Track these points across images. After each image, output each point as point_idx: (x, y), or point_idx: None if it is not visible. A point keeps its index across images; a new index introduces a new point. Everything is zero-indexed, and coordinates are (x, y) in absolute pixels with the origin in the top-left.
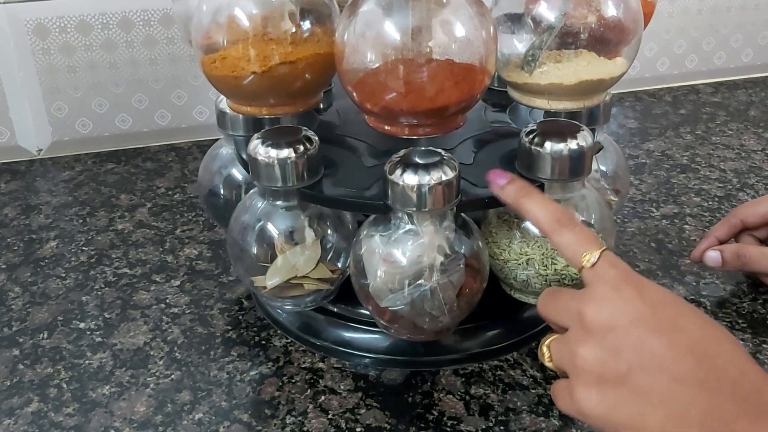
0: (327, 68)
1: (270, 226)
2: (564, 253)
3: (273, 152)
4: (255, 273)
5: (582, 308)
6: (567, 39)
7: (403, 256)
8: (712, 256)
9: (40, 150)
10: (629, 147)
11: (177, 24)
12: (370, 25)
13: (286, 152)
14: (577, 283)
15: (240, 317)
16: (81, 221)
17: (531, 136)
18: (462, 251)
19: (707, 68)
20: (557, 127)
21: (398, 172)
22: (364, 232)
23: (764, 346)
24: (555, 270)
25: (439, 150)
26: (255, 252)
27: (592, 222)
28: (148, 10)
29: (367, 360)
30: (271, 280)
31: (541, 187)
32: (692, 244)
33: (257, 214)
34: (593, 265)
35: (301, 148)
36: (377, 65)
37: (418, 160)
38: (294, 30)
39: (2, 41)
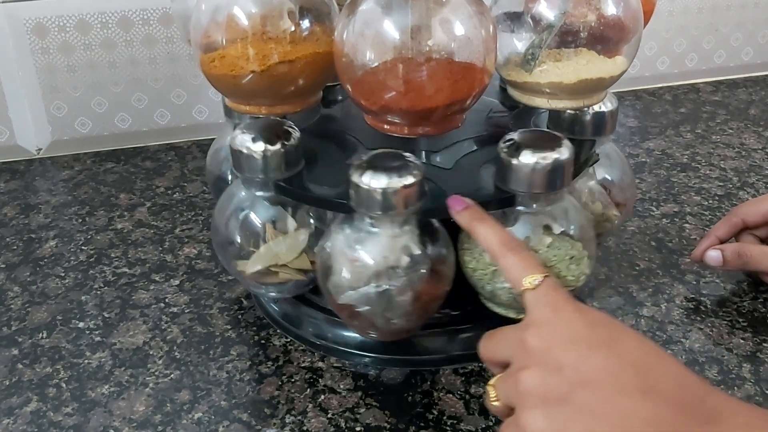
0: (326, 67)
1: (252, 215)
2: (508, 276)
3: (252, 144)
4: (237, 258)
5: (523, 335)
6: (567, 38)
7: (364, 255)
8: (713, 256)
9: (40, 149)
10: (629, 146)
11: (176, 23)
12: (369, 23)
13: (264, 145)
14: None
15: (239, 316)
16: (80, 221)
17: (508, 147)
18: (425, 256)
19: (707, 67)
20: (537, 138)
21: (361, 174)
22: (332, 228)
23: (765, 345)
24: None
25: (405, 154)
26: (239, 239)
27: (572, 233)
28: (147, 9)
29: (366, 359)
30: (253, 266)
31: (511, 199)
32: (692, 242)
33: (240, 203)
34: (535, 287)
35: (280, 141)
36: (376, 64)
37: (382, 163)
38: (293, 29)
39: (1, 40)
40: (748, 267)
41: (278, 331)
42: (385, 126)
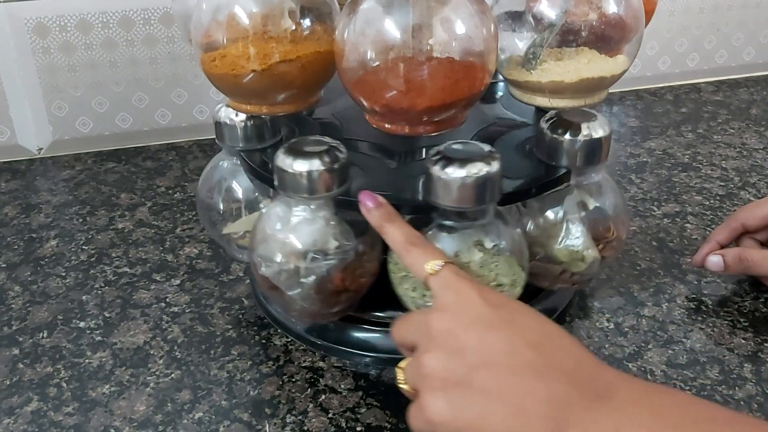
0: (327, 66)
1: (235, 184)
2: (412, 268)
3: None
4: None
5: (427, 318)
6: (568, 36)
7: (283, 233)
8: (714, 261)
9: (41, 149)
10: (630, 146)
11: (177, 22)
12: (370, 23)
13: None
14: None
15: (240, 316)
16: (81, 220)
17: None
18: (342, 247)
19: (708, 67)
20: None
21: (284, 156)
22: (268, 205)
23: (766, 345)
24: (423, 294)
25: (328, 140)
26: (222, 207)
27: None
28: (148, 9)
29: (367, 359)
30: (238, 228)
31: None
32: (694, 242)
33: (224, 173)
34: (436, 272)
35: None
36: (377, 63)
37: (306, 148)
38: (294, 28)
39: (2, 40)
40: (749, 271)
41: (279, 330)
42: (387, 125)
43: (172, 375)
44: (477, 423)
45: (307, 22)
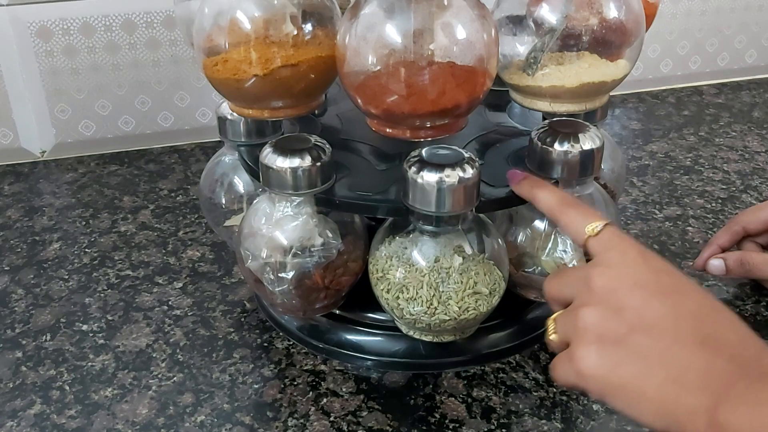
0: (328, 71)
1: (236, 179)
2: (570, 229)
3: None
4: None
5: (588, 273)
6: (569, 41)
7: (268, 229)
8: (716, 265)
9: (44, 152)
10: (632, 148)
11: (179, 26)
12: (371, 27)
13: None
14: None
15: (242, 319)
16: (84, 223)
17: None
18: (324, 245)
19: (711, 69)
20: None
21: (268, 153)
22: (256, 201)
23: None
24: (397, 297)
25: (313, 137)
26: (224, 201)
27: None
28: (150, 12)
29: (369, 362)
30: (238, 221)
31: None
32: (695, 246)
33: (226, 168)
34: (598, 233)
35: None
36: (379, 68)
37: (292, 145)
38: (295, 33)
39: (5, 43)
40: (750, 275)
41: (281, 334)
42: (388, 129)
43: (175, 378)
44: (632, 384)
45: (308, 27)
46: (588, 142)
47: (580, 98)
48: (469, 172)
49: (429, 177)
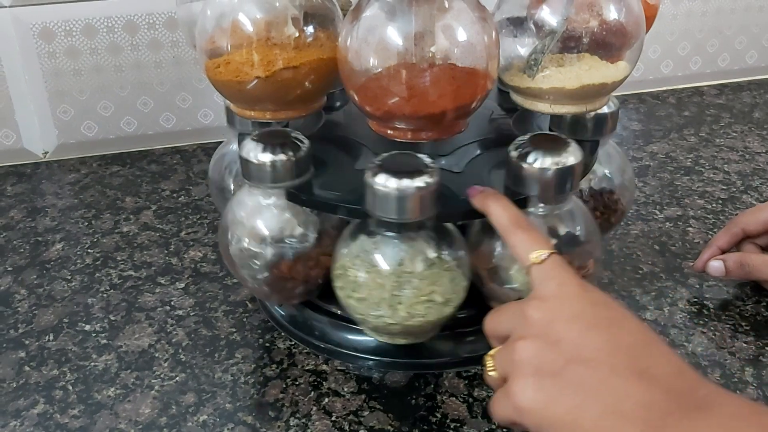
0: (330, 73)
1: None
2: (515, 251)
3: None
4: None
5: (525, 306)
6: (569, 43)
7: (246, 217)
8: (715, 266)
9: (46, 153)
10: (633, 149)
11: (181, 28)
12: (372, 30)
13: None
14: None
15: (244, 319)
16: (86, 224)
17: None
18: (293, 237)
19: (711, 70)
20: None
21: (246, 145)
22: (238, 192)
23: (767, 348)
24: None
25: (294, 133)
26: (233, 188)
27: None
28: (152, 14)
29: (370, 362)
30: None
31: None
32: (696, 246)
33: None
34: (542, 261)
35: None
36: (380, 70)
37: (270, 140)
38: (297, 35)
39: (8, 45)
40: (750, 276)
41: (282, 334)
42: (389, 131)
43: (177, 378)
44: (568, 417)
45: (310, 29)
46: (567, 158)
47: (580, 100)
48: (427, 180)
49: (388, 183)
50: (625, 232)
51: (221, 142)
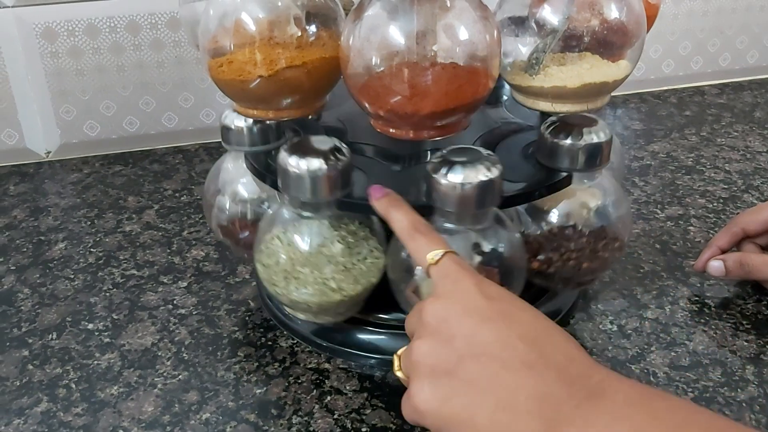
0: (333, 72)
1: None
2: (414, 256)
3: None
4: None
5: (422, 306)
6: (570, 42)
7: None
8: (716, 266)
9: (49, 152)
10: (634, 149)
11: (184, 28)
12: (375, 29)
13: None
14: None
15: (246, 318)
16: (89, 223)
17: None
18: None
19: (712, 70)
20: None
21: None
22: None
23: None
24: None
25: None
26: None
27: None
28: (155, 14)
29: (372, 361)
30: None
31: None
32: (697, 245)
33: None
34: (437, 262)
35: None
36: (382, 69)
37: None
38: (300, 34)
39: (11, 44)
40: (750, 276)
41: (285, 332)
42: (391, 130)
43: (180, 376)
44: (463, 414)
45: (312, 29)
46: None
47: (581, 99)
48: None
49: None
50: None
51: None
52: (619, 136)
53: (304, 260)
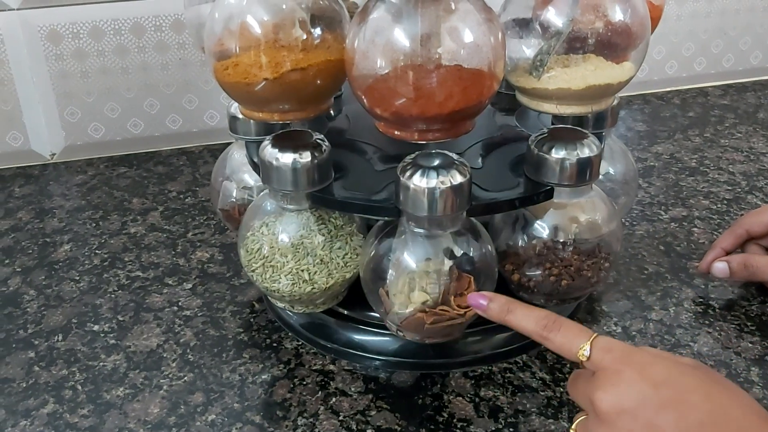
0: (337, 74)
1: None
2: (561, 354)
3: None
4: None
5: (592, 396)
6: (575, 44)
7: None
8: (720, 268)
9: (54, 154)
10: (638, 150)
11: (188, 30)
12: (379, 31)
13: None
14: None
15: (251, 320)
16: (94, 225)
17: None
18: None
19: (716, 71)
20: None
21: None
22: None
23: None
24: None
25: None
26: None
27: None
28: (159, 16)
29: (377, 362)
30: None
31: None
32: (701, 247)
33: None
34: (588, 358)
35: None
36: (387, 71)
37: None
38: (305, 37)
39: (16, 47)
40: (754, 278)
41: (290, 334)
42: (396, 132)
43: (185, 378)
44: None
45: (317, 31)
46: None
47: (586, 100)
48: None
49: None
50: (630, 233)
51: (227, 144)
52: (622, 137)
53: (285, 250)
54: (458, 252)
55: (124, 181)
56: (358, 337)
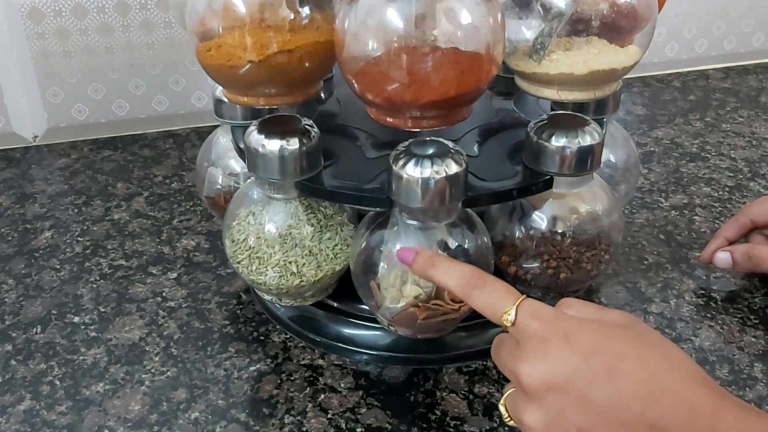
0: (327, 57)
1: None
2: (485, 314)
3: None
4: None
5: (516, 369)
6: (577, 26)
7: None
8: (723, 258)
9: (36, 137)
10: (637, 134)
11: (173, 9)
12: (372, 11)
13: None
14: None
15: (238, 312)
16: (76, 211)
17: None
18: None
19: (717, 53)
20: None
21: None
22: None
23: None
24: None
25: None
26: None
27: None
28: None
29: (367, 357)
30: None
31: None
32: (702, 236)
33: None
34: (513, 323)
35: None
36: (379, 54)
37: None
38: (292, 17)
39: None
40: (758, 269)
41: (277, 327)
42: (389, 119)
43: (168, 373)
44: None
45: (306, 11)
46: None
47: (589, 86)
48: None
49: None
50: (630, 221)
51: (215, 127)
52: (621, 121)
53: (272, 240)
54: (453, 244)
55: (109, 165)
56: (349, 330)
